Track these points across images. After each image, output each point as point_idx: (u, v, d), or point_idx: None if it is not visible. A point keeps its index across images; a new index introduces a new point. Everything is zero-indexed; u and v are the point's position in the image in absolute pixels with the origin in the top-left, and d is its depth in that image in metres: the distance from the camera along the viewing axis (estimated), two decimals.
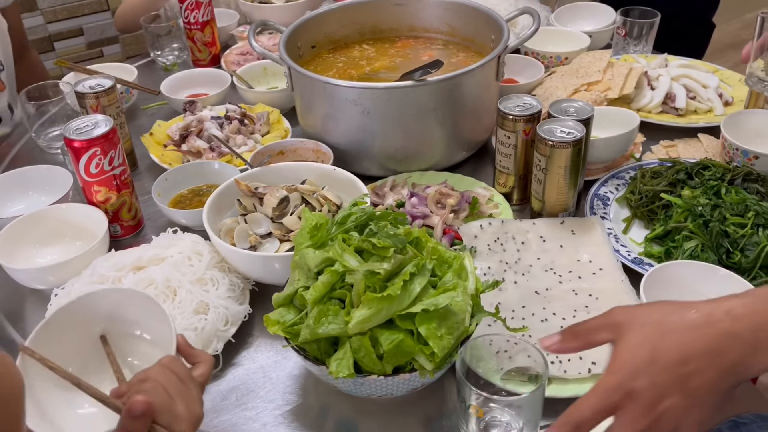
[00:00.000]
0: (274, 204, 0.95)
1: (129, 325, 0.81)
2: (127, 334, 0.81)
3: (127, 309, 0.80)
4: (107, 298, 0.80)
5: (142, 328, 0.81)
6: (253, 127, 1.30)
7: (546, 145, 0.97)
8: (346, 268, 0.73)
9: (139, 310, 0.79)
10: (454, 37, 1.39)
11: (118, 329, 0.81)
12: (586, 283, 0.92)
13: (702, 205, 0.97)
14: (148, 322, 0.79)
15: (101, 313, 0.80)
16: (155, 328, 0.78)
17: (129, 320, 0.80)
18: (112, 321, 0.80)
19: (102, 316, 0.80)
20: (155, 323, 0.77)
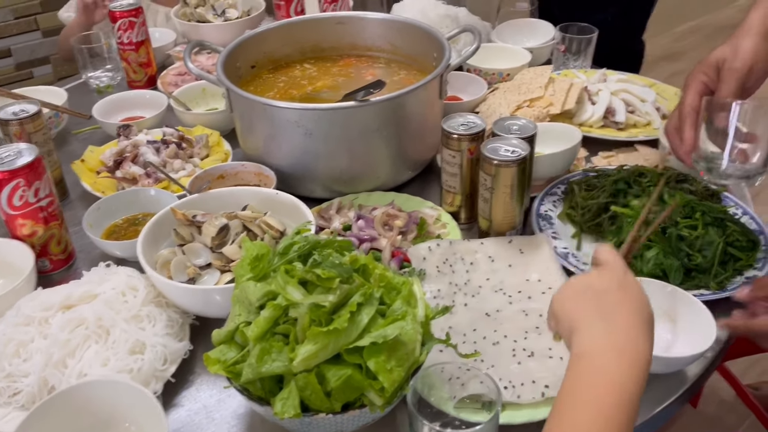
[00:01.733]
0: (213, 233, 0.91)
1: (116, 419, 0.75)
2: None
3: (113, 401, 0.74)
4: (90, 391, 0.75)
5: (130, 422, 0.76)
6: (191, 150, 1.25)
7: (491, 164, 0.96)
8: (289, 302, 0.69)
9: (126, 401, 0.74)
10: (396, 55, 1.38)
11: (104, 425, 0.75)
12: (535, 302, 0.91)
13: (653, 212, 0.98)
14: (136, 415, 0.74)
15: (86, 408, 0.74)
16: (144, 421, 0.73)
17: (116, 414, 0.75)
18: (96, 416, 0.75)
19: (86, 411, 0.74)
20: (145, 416, 0.73)
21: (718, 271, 0.93)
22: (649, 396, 0.81)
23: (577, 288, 0.71)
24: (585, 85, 1.38)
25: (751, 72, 0.91)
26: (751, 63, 0.91)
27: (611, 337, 0.64)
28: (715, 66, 0.94)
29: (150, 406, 0.72)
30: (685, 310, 0.88)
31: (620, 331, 0.65)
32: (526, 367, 0.82)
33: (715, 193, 1.06)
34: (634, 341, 0.64)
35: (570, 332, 0.67)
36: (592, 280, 0.70)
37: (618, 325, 0.65)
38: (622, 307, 0.67)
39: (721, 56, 0.93)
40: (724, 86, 0.93)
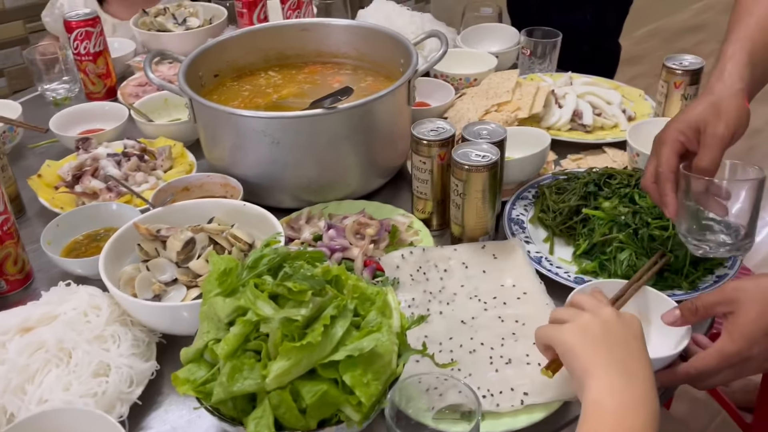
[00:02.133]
0: (178, 247, 0.88)
1: None
2: None
3: (76, 430, 0.70)
4: (52, 420, 0.70)
5: None
6: (154, 162, 1.22)
7: (462, 169, 0.95)
8: (260, 317, 0.67)
9: (91, 429, 0.70)
10: (362, 61, 1.36)
11: None
12: (511, 308, 0.90)
13: (623, 214, 0.98)
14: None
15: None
16: None
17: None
18: None
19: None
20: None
21: (689, 271, 0.94)
22: None
23: (588, 330, 0.72)
24: (551, 88, 1.39)
25: (734, 137, 0.83)
26: (735, 128, 0.83)
27: (631, 390, 0.66)
28: (695, 127, 0.84)
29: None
30: (659, 312, 0.88)
31: (639, 385, 0.67)
32: (504, 374, 0.81)
33: None
34: (651, 394, 0.66)
35: (583, 374, 0.68)
36: (604, 324, 0.72)
37: (638, 378, 0.67)
38: (642, 359, 0.70)
39: (703, 118, 0.84)
40: (707, 153, 0.83)
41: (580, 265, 0.99)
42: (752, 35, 0.87)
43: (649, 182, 0.89)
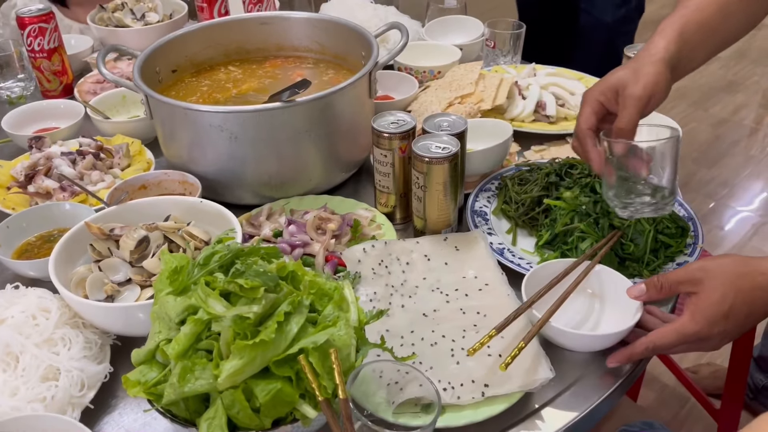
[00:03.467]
0: (131, 246, 0.85)
1: None
2: None
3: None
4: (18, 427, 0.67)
5: None
6: (111, 161, 1.19)
7: (422, 162, 0.94)
8: (211, 315, 0.65)
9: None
10: (324, 55, 1.35)
11: None
12: (473, 300, 0.89)
13: (584, 203, 0.98)
14: None
15: None
16: None
17: None
18: None
19: None
20: None
21: (650, 259, 0.94)
22: (584, 389, 0.81)
23: None
24: (515, 80, 1.38)
25: (650, 100, 0.86)
26: (652, 91, 0.86)
27: None
28: (615, 89, 0.88)
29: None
30: (613, 289, 0.88)
31: None
32: (464, 366, 0.80)
33: None
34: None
35: None
36: None
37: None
38: None
39: (622, 80, 0.87)
40: (624, 113, 0.86)
41: (542, 255, 0.99)
42: (687, 14, 0.91)
43: (574, 142, 0.93)
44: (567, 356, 0.84)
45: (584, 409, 0.78)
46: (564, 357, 0.84)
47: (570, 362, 0.84)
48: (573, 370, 0.83)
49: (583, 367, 0.83)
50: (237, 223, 0.92)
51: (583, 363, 0.84)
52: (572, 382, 0.82)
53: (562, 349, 0.84)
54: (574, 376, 0.82)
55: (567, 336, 0.81)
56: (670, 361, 1.83)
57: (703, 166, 2.99)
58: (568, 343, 0.83)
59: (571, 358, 0.84)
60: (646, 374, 2.06)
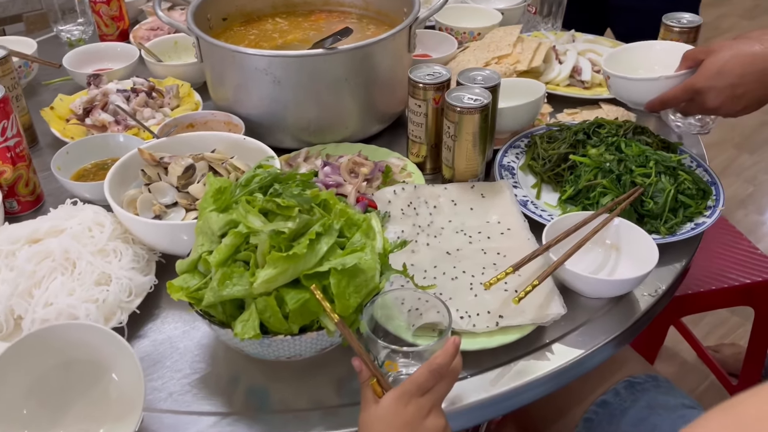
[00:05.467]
0: (179, 172, 0.92)
1: (97, 366, 0.73)
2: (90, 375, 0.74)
3: (89, 345, 0.72)
4: (64, 333, 0.72)
5: (108, 369, 0.74)
6: (162, 100, 1.26)
7: (454, 111, 0.98)
8: (250, 230, 0.72)
9: (104, 348, 0.72)
10: (367, 11, 1.39)
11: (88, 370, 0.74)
12: (494, 242, 0.94)
13: (609, 161, 1.02)
14: (112, 361, 0.73)
15: (62, 350, 0.73)
16: (123, 369, 0.73)
17: (95, 359, 0.73)
18: (75, 358, 0.73)
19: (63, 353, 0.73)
20: (118, 359, 0.72)
21: (668, 217, 0.97)
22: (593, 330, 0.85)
23: None
24: (553, 44, 1.41)
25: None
26: None
27: None
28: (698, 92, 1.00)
29: (123, 351, 0.72)
30: (630, 241, 0.92)
31: None
32: (482, 299, 0.85)
33: (671, 146, 1.10)
34: None
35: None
36: None
37: None
38: None
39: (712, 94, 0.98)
40: None
41: (564, 209, 1.03)
42: None
43: None
44: (580, 300, 0.89)
45: (590, 347, 0.83)
46: (577, 300, 0.88)
47: (582, 306, 0.88)
48: (584, 312, 0.87)
49: (593, 311, 0.88)
50: (276, 159, 0.98)
51: (595, 307, 0.88)
52: (582, 323, 0.86)
53: (577, 294, 0.89)
54: (584, 318, 0.87)
55: (581, 280, 0.86)
56: (692, 337, 1.86)
57: (745, 151, 2.95)
58: (582, 287, 0.87)
59: (584, 302, 0.89)
60: (666, 349, 2.09)
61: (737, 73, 0.94)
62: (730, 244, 1.60)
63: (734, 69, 0.94)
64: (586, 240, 0.89)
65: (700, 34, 1.25)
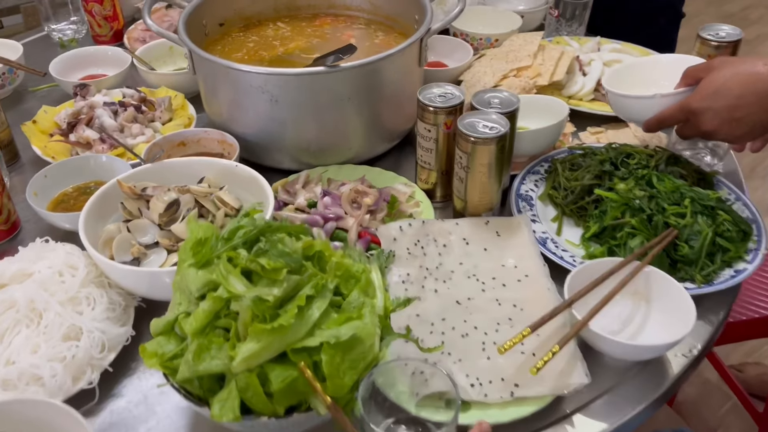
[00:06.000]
0: (160, 209, 0.84)
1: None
2: None
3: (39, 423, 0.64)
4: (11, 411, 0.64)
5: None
6: (152, 114, 1.17)
7: (467, 141, 0.89)
8: (231, 294, 0.63)
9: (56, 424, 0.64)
10: (376, 15, 1.29)
11: None
12: (510, 291, 0.85)
13: (639, 197, 0.91)
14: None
15: None
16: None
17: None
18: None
19: None
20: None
21: (705, 264, 0.87)
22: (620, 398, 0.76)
23: None
24: (576, 54, 1.30)
25: None
26: None
27: None
28: None
29: None
30: (661, 293, 0.82)
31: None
32: (495, 362, 0.76)
33: (707, 177, 1.00)
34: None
35: None
36: None
37: None
38: None
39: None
40: None
41: (587, 249, 0.93)
42: None
43: None
44: (605, 361, 0.79)
45: (617, 420, 0.74)
46: (601, 360, 0.79)
47: (607, 367, 0.79)
48: (609, 375, 0.78)
49: (619, 374, 0.79)
50: (270, 192, 0.89)
51: (621, 369, 0.79)
52: (608, 389, 0.77)
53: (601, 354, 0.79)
54: (610, 383, 0.77)
55: (607, 342, 0.76)
56: (715, 356, 1.76)
57: None
58: (608, 349, 0.78)
59: (609, 363, 0.79)
60: None
61: (735, 93, 0.86)
62: (763, 267, 1.49)
63: (733, 89, 0.86)
64: (613, 295, 0.79)
65: (739, 50, 1.14)
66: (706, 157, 1.09)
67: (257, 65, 1.15)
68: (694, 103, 0.90)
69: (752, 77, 0.85)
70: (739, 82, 0.86)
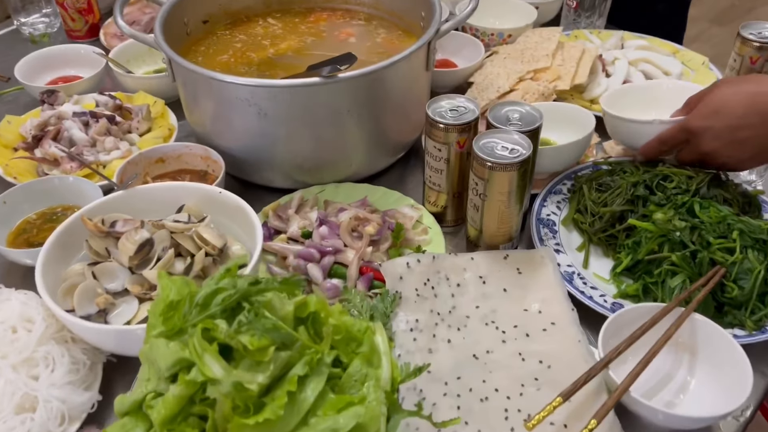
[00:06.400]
0: (130, 252, 0.72)
1: None
2: None
3: None
4: None
5: None
6: (129, 123, 1.05)
7: (484, 166, 0.77)
8: (206, 377, 0.52)
9: None
10: (378, 10, 1.16)
11: None
12: (535, 343, 0.74)
13: (679, 229, 0.80)
14: None
15: None
16: None
17: None
18: None
19: None
20: None
21: (756, 306, 0.76)
22: None
23: None
24: (599, 52, 1.18)
25: None
26: None
27: None
28: None
29: None
30: (708, 342, 0.71)
31: None
32: None
33: (753, 200, 0.88)
34: None
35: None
36: None
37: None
38: None
39: None
40: None
41: (619, 285, 0.82)
42: None
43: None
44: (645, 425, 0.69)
45: None
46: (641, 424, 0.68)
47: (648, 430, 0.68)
48: None
49: None
50: (257, 225, 0.77)
51: None
52: None
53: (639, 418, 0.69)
54: None
55: (649, 411, 0.65)
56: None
57: None
58: (650, 417, 0.67)
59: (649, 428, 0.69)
60: None
61: (738, 113, 0.79)
62: None
63: (735, 109, 0.80)
64: (656, 352, 0.68)
65: None
66: (742, 172, 0.98)
67: (245, 68, 1.04)
68: (694, 123, 0.83)
69: (756, 96, 0.79)
70: (741, 102, 0.80)
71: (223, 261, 0.78)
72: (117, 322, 0.72)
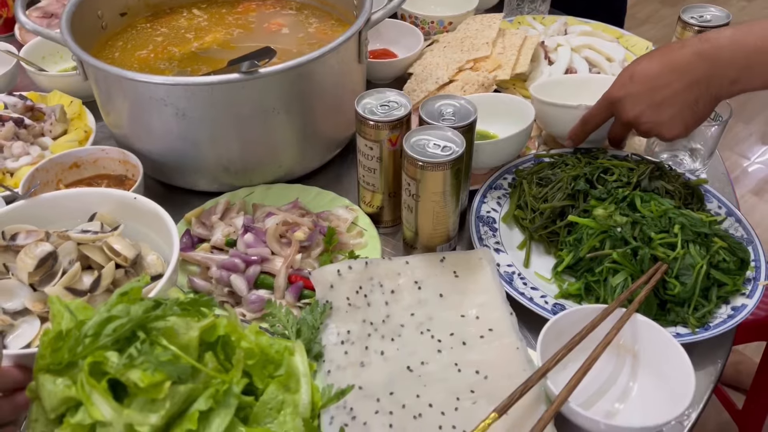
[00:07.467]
0: (30, 267, 0.66)
1: None
2: None
3: None
4: None
5: None
6: (41, 126, 0.97)
7: (415, 166, 0.72)
8: (94, 419, 0.46)
9: None
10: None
11: None
12: (471, 351, 0.70)
13: (620, 225, 0.77)
14: None
15: None
16: None
17: None
18: None
19: None
20: None
21: (699, 303, 0.74)
22: None
23: None
24: (541, 39, 1.14)
25: None
26: None
27: None
28: None
29: None
30: (650, 344, 0.69)
31: None
32: None
33: (695, 191, 0.86)
34: None
35: None
36: None
37: None
38: None
39: None
40: None
41: (561, 284, 0.79)
42: None
43: None
44: None
45: None
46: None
47: None
48: None
49: None
50: (174, 234, 0.71)
51: None
52: None
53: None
54: None
55: (587, 420, 0.62)
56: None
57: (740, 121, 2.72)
58: (591, 427, 0.64)
59: None
60: None
61: (653, 74, 0.80)
62: None
63: (649, 70, 0.80)
64: (595, 359, 0.65)
65: None
66: (685, 159, 0.96)
67: (165, 64, 0.97)
68: (613, 92, 0.84)
69: (668, 55, 0.79)
70: (654, 64, 0.80)
71: (137, 273, 0.73)
72: (16, 345, 0.65)
